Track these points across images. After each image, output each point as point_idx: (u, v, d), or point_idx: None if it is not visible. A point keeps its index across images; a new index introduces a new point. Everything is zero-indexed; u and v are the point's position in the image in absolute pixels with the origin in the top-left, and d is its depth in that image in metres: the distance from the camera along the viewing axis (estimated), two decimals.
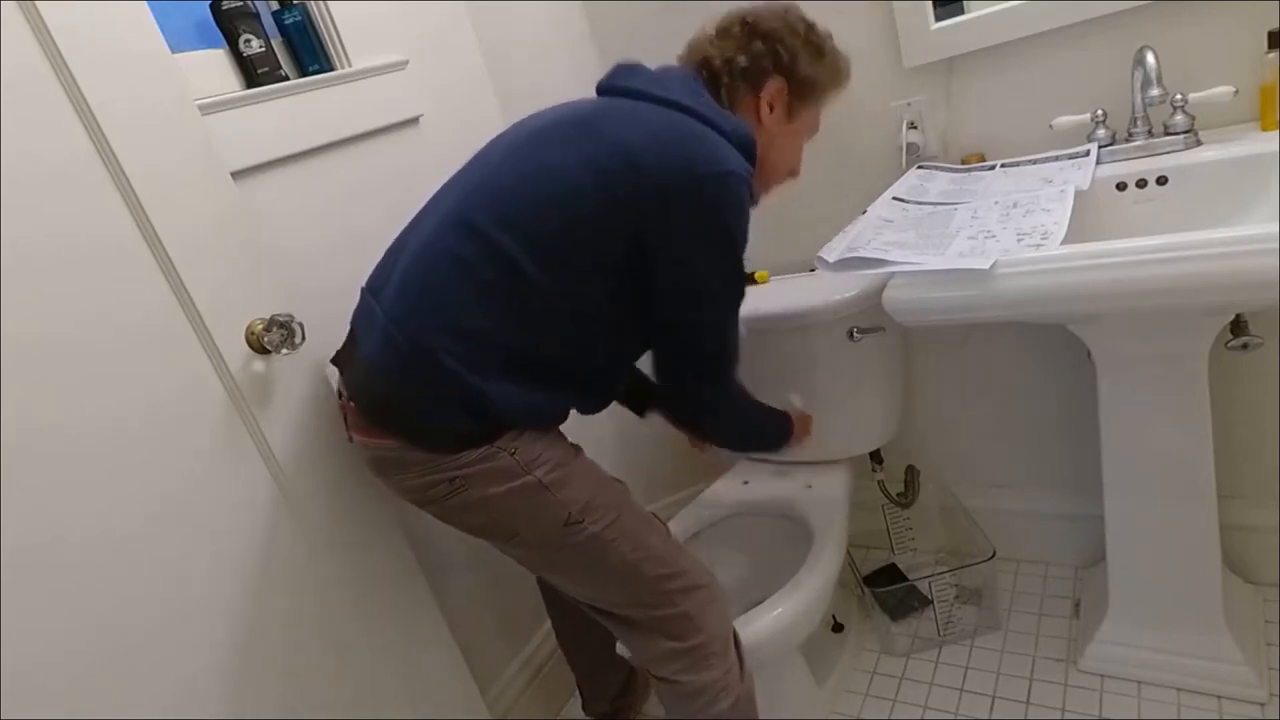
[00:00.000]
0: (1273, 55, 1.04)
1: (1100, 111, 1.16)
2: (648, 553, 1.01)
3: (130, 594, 0.87)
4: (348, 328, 1.03)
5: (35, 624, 0.79)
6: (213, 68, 1.12)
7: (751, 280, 1.51)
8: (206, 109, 1.01)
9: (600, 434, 1.73)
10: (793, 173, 1.13)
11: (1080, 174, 1.09)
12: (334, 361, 1.04)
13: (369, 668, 1.14)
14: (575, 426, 1.02)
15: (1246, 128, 1.09)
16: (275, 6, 1.20)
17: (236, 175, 1.03)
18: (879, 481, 1.58)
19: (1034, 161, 1.21)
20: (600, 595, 1.04)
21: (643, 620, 1.02)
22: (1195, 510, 1.15)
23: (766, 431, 1.23)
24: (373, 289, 1.00)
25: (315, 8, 1.22)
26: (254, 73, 1.14)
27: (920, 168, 1.31)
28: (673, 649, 1.01)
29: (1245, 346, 1.10)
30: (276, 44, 1.20)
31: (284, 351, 0.98)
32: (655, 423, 1.25)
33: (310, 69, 1.22)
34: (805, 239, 1.42)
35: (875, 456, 1.56)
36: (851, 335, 1.34)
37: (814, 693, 1.36)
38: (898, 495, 1.60)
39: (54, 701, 0.80)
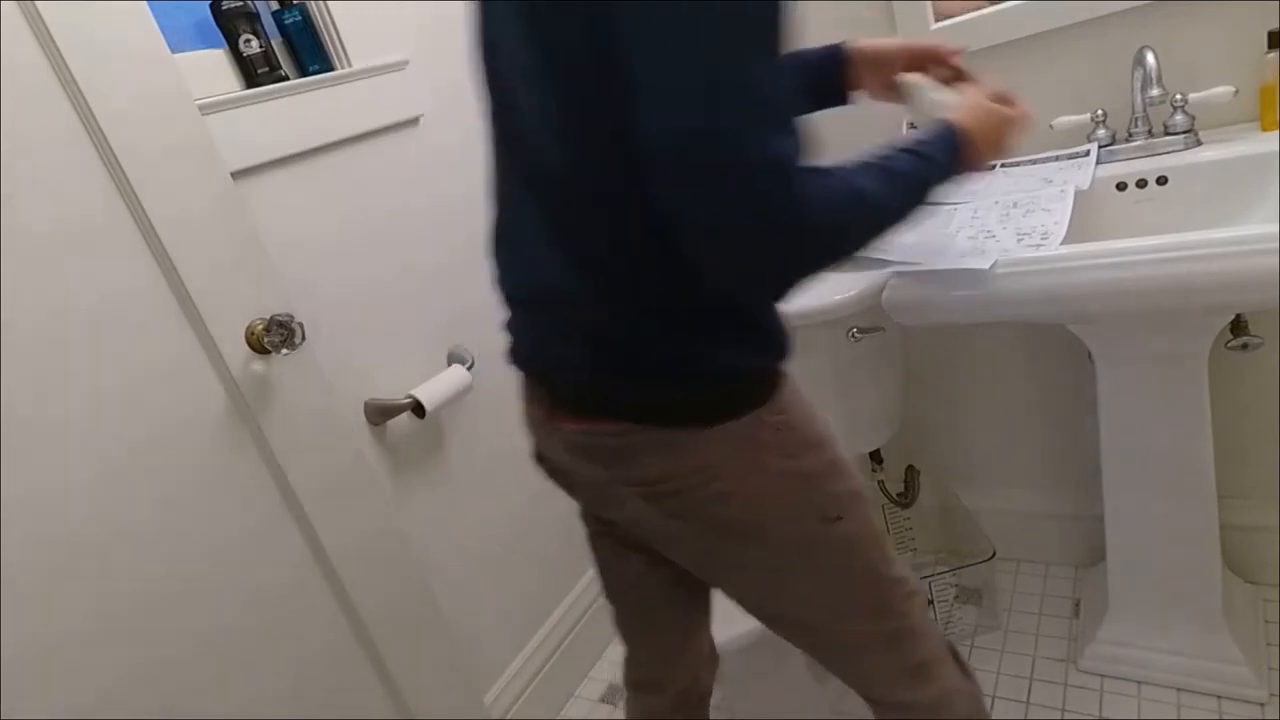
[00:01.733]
0: (1273, 55, 1.04)
1: (1100, 111, 1.16)
2: (883, 552, 0.84)
3: (129, 593, 0.87)
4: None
5: (34, 623, 0.79)
6: (213, 68, 1.12)
7: None
8: (206, 109, 1.01)
9: None
10: None
11: (1080, 174, 1.09)
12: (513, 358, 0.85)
13: (368, 667, 1.14)
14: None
15: (1246, 128, 1.09)
16: (275, 6, 1.20)
17: (236, 175, 1.03)
18: (879, 481, 1.58)
19: (1034, 161, 1.21)
20: (829, 611, 0.84)
21: (873, 638, 0.85)
22: (1195, 510, 1.15)
23: (912, 184, 0.72)
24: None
25: (315, 8, 1.22)
26: (254, 73, 1.14)
27: None
28: (903, 667, 0.86)
29: (1245, 346, 1.10)
30: (276, 44, 1.20)
31: (284, 352, 0.98)
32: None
33: (310, 69, 1.22)
34: None
35: (875, 456, 1.56)
36: (852, 335, 1.34)
37: (814, 692, 1.36)
38: (898, 495, 1.60)
39: (51, 692, 0.80)
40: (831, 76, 0.96)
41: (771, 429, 0.76)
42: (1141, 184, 1.11)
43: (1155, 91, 1.06)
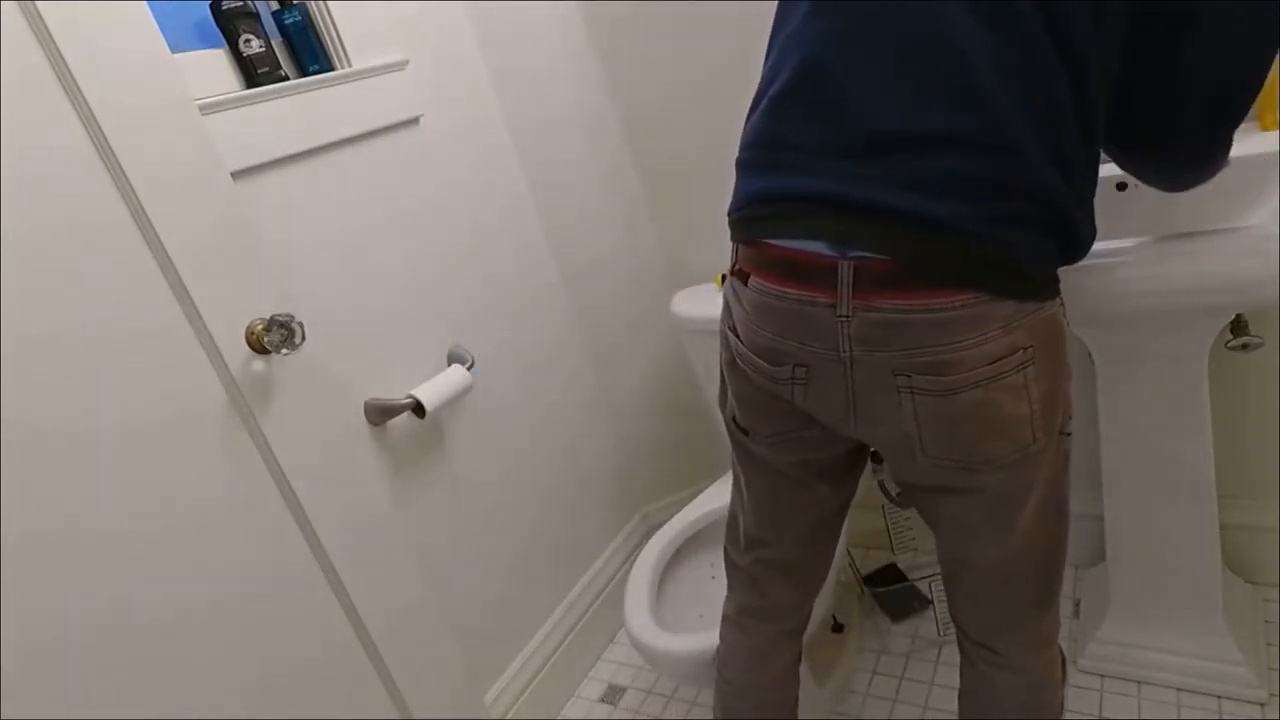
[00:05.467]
0: None
1: None
2: (1068, 488, 0.85)
3: (128, 593, 0.87)
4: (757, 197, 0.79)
5: (32, 622, 0.79)
6: (213, 68, 1.12)
7: None
8: (206, 109, 1.01)
9: (599, 435, 1.73)
10: None
11: None
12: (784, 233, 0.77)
13: (368, 667, 1.14)
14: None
15: (1246, 128, 1.09)
16: (275, 6, 1.20)
17: (236, 175, 1.03)
18: (879, 481, 1.58)
19: None
20: (1032, 541, 0.84)
21: (1041, 572, 0.88)
22: (1195, 510, 1.15)
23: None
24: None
25: (315, 8, 1.22)
26: (254, 73, 1.14)
27: None
28: (1047, 625, 0.90)
29: (1245, 346, 1.10)
30: (276, 44, 1.20)
31: (284, 351, 0.98)
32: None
33: (310, 69, 1.22)
34: None
35: (875, 457, 1.56)
36: None
37: (814, 693, 1.36)
38: (898, 495, 1.60)
39: (52, 696, 0.80)
40: None
41: (1064, 316, 0.78)
42: None
43: None
